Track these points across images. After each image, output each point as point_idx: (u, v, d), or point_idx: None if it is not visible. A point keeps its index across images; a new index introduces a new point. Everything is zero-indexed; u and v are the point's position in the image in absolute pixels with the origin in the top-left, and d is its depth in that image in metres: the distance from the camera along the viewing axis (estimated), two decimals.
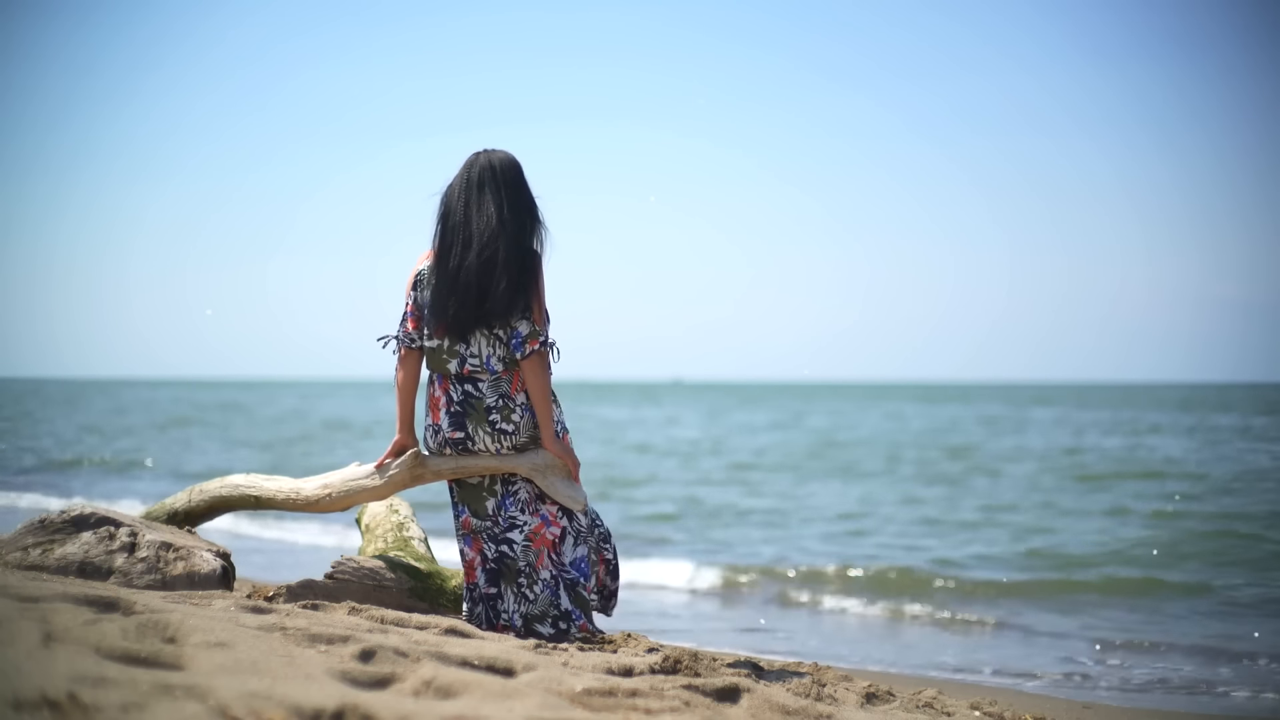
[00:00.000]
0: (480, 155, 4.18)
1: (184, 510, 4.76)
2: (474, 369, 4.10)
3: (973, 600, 9.11)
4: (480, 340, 4.09)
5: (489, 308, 4.03)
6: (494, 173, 4.12)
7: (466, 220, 4.08)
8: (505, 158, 4.17)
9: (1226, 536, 11.70)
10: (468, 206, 4.09)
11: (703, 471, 21.13)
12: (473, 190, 4.11)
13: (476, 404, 4.11)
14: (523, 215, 4.11)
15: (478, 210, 4.08)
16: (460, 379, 4.12)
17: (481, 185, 4.11)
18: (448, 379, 4.13)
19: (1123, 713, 5.49)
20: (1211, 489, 16.36)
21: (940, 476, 19.61)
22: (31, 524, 4.33)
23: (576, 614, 4.17)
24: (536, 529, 4.17)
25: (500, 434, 4.11)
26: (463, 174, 4.16)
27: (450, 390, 4.13)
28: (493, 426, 4.10)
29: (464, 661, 3.03)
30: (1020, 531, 12.77)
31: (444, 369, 4.14)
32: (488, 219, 4.06)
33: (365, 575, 4.35)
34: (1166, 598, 9.03)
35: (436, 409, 4.18)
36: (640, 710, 2.79)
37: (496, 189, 4.10)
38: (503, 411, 4.11)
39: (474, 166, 4.15)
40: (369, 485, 4.37)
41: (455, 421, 4.13)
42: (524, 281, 4.06)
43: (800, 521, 13.94)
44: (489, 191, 4.09)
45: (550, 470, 4.15)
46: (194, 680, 2.37)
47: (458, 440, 4.13)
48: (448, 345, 4.12)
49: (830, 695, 3.67)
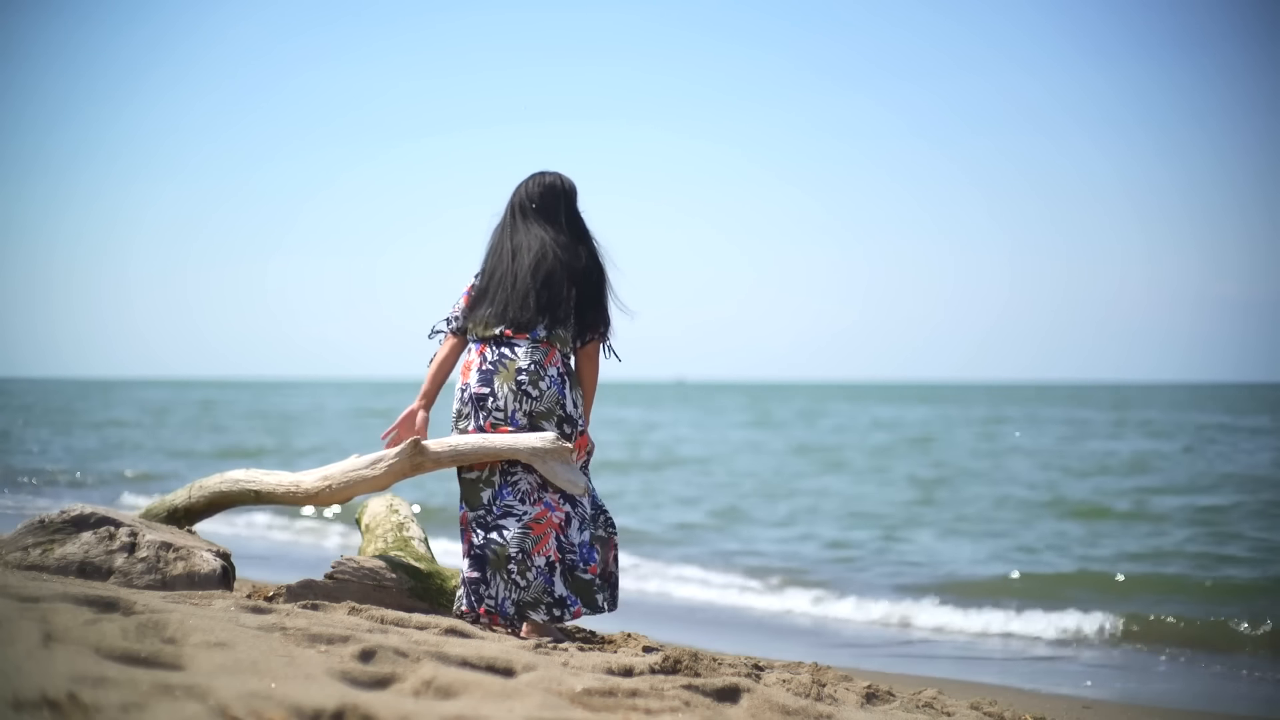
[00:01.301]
0: (536, 175, 4.44)
1: (184, 507, 4.77)
2: (518, 338, 4.27)
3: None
4: (524, 345, 4.28)
5: (527, 314, 4.25)
6: (556, 188, 4.41)
7: (524, 243, 4.32)
8: (559, 181, 4.42)
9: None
10: (525, 232, 4.35)
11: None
12: (528, 211, 4.38)
13: (509, 364, 4.24)
14: (575, 235, 4.37)
15: (528, 236, 4.34)
16: (498, 342, 4.27)
17: (526, 210, 4.39)
18: (485, 345, 4.29)
19: (1123, 712, 5.49)
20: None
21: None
22: (31, 524, 4.33)
23: (572, 600, 4.19)
24: (539, 515, 4.20)
25: (524, 395, 4.22)
26: (520, 192, 4.42)
27: (486, 353, 4.28)
28: (519, 386, 4.22)
29: (464, 661, 3.03)
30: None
31: (489, 334, 4.29)
32: (541, 245, 4.30)
33: (365, 575, 4.35)
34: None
35: (468, 371, 4.31)
36: (640, 710, 2.79)
37: (549, 212, 4.38)
38: (532, 376, 4.23)
39: (529, 186, 4.42)
40: (369, 476, 4.38)
41: (483, 379, 4.26)
42: (590, 301, 4.32)
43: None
44: (538, 215, 4.37)
45: (550, 455, 4.16)
46: (194, 680, 2.37)
47: (481, 396, 4.24)
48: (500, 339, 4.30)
49: (830, 695, 3.67)
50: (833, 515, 14.48)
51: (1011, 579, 9.82)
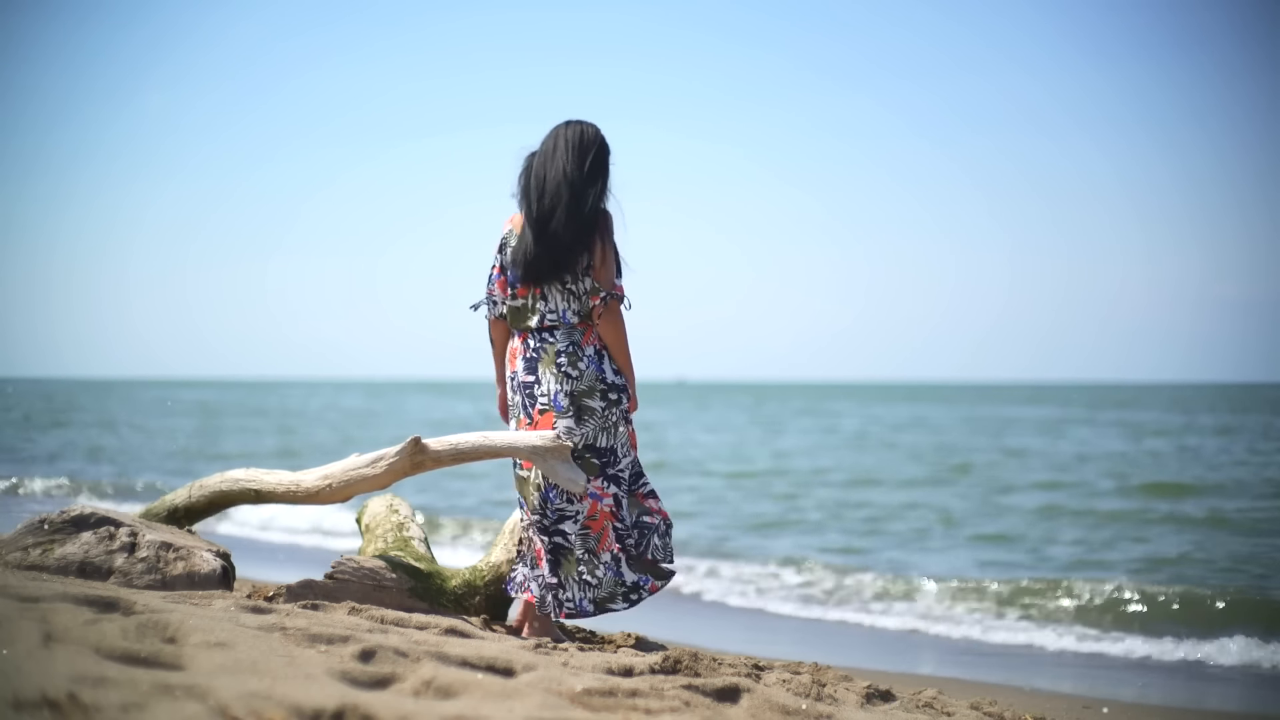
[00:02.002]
0: (562, 124, 4.47)
1: (184, 506, 4.77)
2: (552, 322, 4.38)
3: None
4: (556, 294, 4.37)
5: (555, 252, 4.32)
6: (569, 138, 4.42)
7: (541, 178, 4.38)
8: (583, 128, 4.46)
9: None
10: (543, 165, 4.40)
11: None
12: (547, 153, 4.41)
13: (549, 348, 4.38)
14: (586, 173, 4.38)
15: (550, 169, 4.38)
16: (538, 331, 4.41)
17: (555, 149, 4.41)
18: (527, 333, 4.43)
19: (1123, 712, 5.49)
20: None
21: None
22: (31, 524, 4.33)
23: (644, 579, 4.35)
24: (591, 510, 4.33)
25: (565, 377, 4.35)
26: (543, 142, 4.46)
27: (528, 341, 4.43)
28: (559, 369, 4.35)
29: (464, 661, 3.03)
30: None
31: (526, 325, 4.42)
32: (555, 174, 4.36)
33: (365, 575, 4.35)
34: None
35: (514, 359, 4.47)
36: (640, 710, 2.79)
37: (568, 150, 4.39)
38: (570, 357, 4.36)
39: (554, 134, 4.46)
40: (369, 475, 4.38)
41: (529, 367, 4.40)
42: (584, 232, 4.33)
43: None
44: (560, 153, 4.39)
45: (550, 454, 4.18)
46: (194, 680, 2.37)
47: (528, 384, 4.40)
48: (529, 303, 4.40)
49: (830, 695, 3.67)
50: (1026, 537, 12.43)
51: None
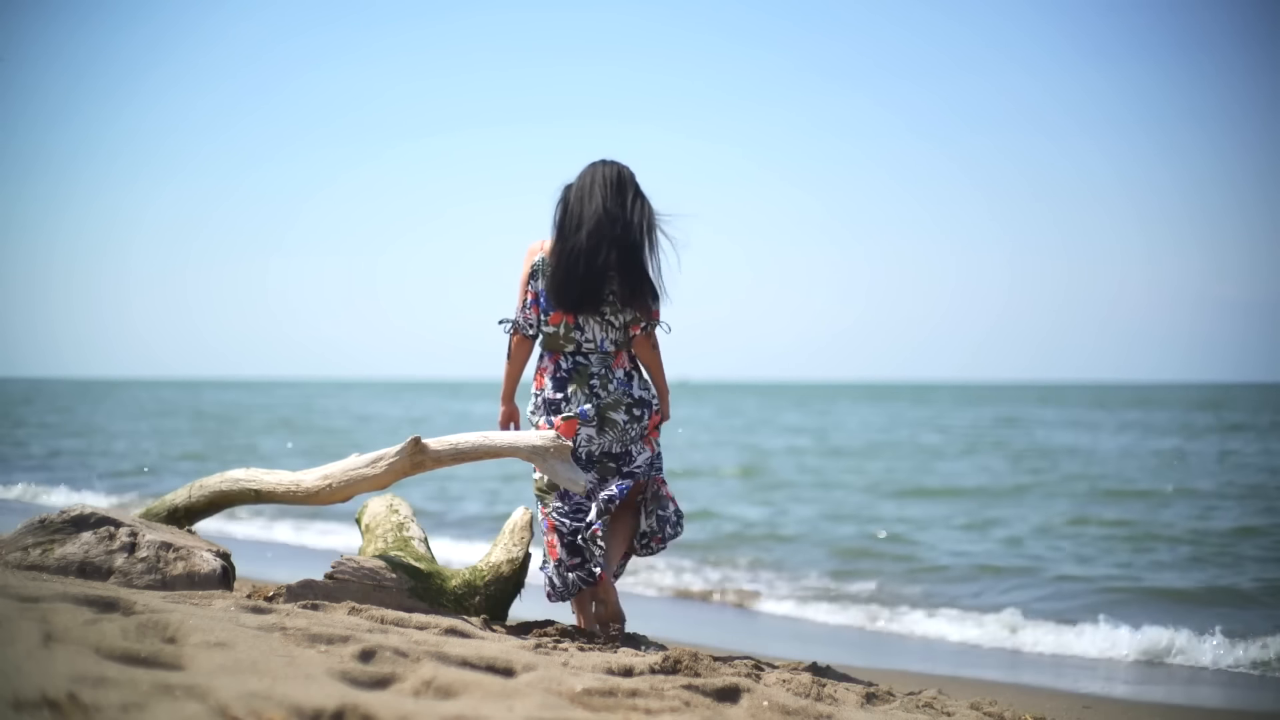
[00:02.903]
0: (598, 162, 4.68)
1: (184, 506, 4.77)
2: (588, 349, 4.59)
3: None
4: (593, 325, 4.57)
5: (596, 286, 4.53)
6: (606, 175, 4.63)
7: (578, 214, 4.57)
8: (620, 167, 4.67)
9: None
10: (579, 201, 4.59)
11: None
12: (585, 189, 4.61)
13: (582, 369, 4.58)
14: (629, 210, 4.58)
15: (588, 204, 4.57)
16: (573, 355, 4.61)
17: (592, 185, 4.61)
18: (559, 354, 4.62)
19: (1123, 712, 5.49)
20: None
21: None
22: (31, 524, 4.33)
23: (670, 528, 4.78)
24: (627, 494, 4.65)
25: (594, 394, 4.57)
26: (581, 176, 4.65)
27: (560, 361, 4.61)
28: (591, 389, 4.56)
29: (464, 661, 3.03)
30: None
31: (561, 349, 4.61)
32: (594, 209, 4.55)
33: (365, 575, 4.35)
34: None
35: (542, 377, 4.65)
36: (640, 710, 2.79)
37: (606, 186, 4.60)
38: (601, 379, 4.57)
39: (591, 171, 4.66)
40: (369, 475, 4.38)
41: (558, 385, 4.59)
42: (626, 266, 4.54)
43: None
44: (598, 188, 4.59)
45: (551, 454, 4.21)
46: (194, 680, 2.37)
47: (554, 401, 4.59)
48: (564, 331, 4.58)
49: (830, 695, 3.67)
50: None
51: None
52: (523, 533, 4.66)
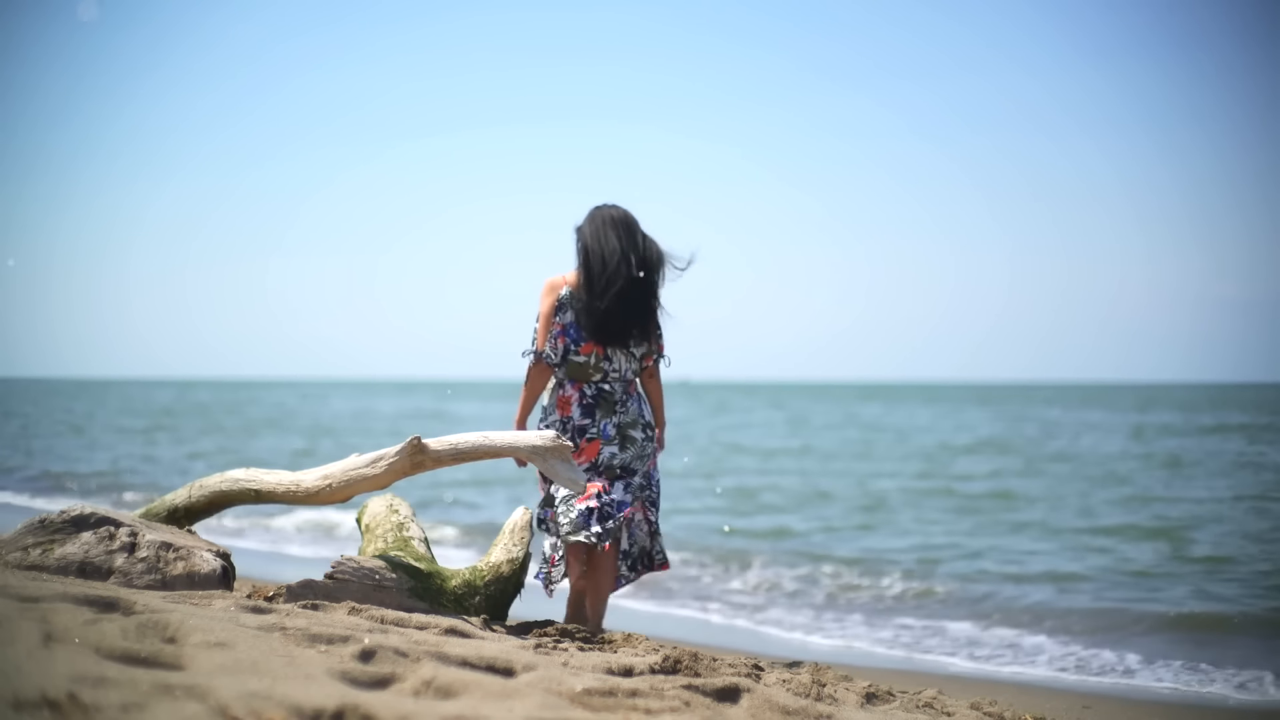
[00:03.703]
0: (599, 208, 5.02)
1: (184, 506, 4.77)
2: (614, 378, 4.98)
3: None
4: (620, 356, 4.97)
5: (630, 322, 4.92)
6: (615, 217, 4.98)
7: (601, 253, 4.91)
8: (625, 211, 5.02)
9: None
10: (599, 242, 4.93)
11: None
12: (600, 233, 4.94)
13: (608, 397, 4.95)
14: (640, 248, 4.95)
15: (606, 244, 4.92)
16: (599, 383, 4.98)
17: (605, 227, 4.95)
18: (584, 382, 4.97)
19: (1123, 712, 5.49)
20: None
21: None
22: (31, 524, 4.33)
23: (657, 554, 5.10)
24: (628, 514, 4.95)
25: (617, 415, 4.96)
26: (592, 221, 4.99)
27: (584, 389, 4.96)
28: (616, 411, 4.95)
29: (464, 661, 3.03)
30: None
31: (588, 378, 4.96)
32: (612, 251, 4.91)
33: (365, 575, 4.35)
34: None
35: (567, 405, 4.94)
36: (640, 710, 2.79)
37: (616, 228, 4.95)
38: (623, 403, 4.97)
39: (598, 216, 4.99)
40: (369, 475, 4.39)
41: (586, 412, 4.91)
42: (644, 309, 4.96)
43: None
44: (611, 231, 4.94)
45: (551, 453, 4.25)
46: (194, 680, 2.37)
47: (583, 426, 4.92)
48: (594, 361, 4.94)
49: (830, 695, 3.67)
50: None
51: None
52: (523, 533, 4.67)
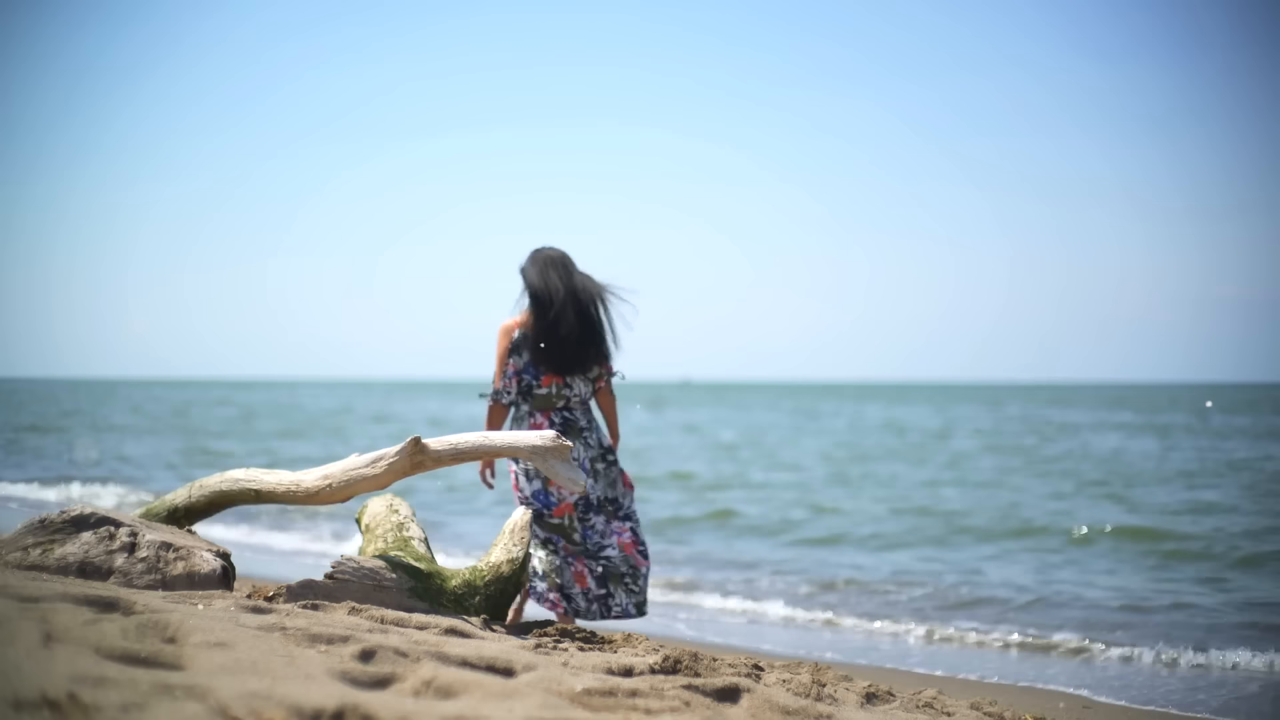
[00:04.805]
0: (538, 250, 5.53)
1: (184, 506, 4.77)
2: (576, 403, 5.49)
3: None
4: (579, 382, 5.48)
5: (585, 351, 5.45)
6: (552, 258, 5.48)
7: (547, 292, 5.41)
8: (561, 252, 5.52)
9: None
10: (544, 283, 5.42)
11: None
12: (542, 273, 5.45)
13: (573, 424, 5.46)
14: (577, 284, 5.46)
15: (550, 284, 5.41)
16: (561, 410, 5.48)
17: (547, 268, 5.45)
18: (549, 411, 5.46)
19: (1123, 712, 5.49)
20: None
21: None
22: (31, 524, 4.33)
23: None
24: (619, 543, 5.51)
25: (588, 445, 5.51)
26: (534, 263, 5.48)
27: (551, 418, 5.44)
28: (585, 440, 5.49)
29: (464, 661, 3.03)
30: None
31: (553, 406, 5.46)
32: (556, 287, 5.41)
33: (365, 575, 4.35)
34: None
35: None
36: (640, 710, 2.79)
37: (556, 268, 5.46)
38: (588, 428, 5.51)
39: (539, 259, 5.49)
40: (369, 475, 4.39)
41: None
42: (594, 336, 5.49)
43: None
44: (551, 271, 5.44)
45: (551, 454, 4.28)
46: (194, 680, 2.37)
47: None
48: (556, 390, 5.45)
49: (830, 695, 3.67)
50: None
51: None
52: (523, 533, 4.66)
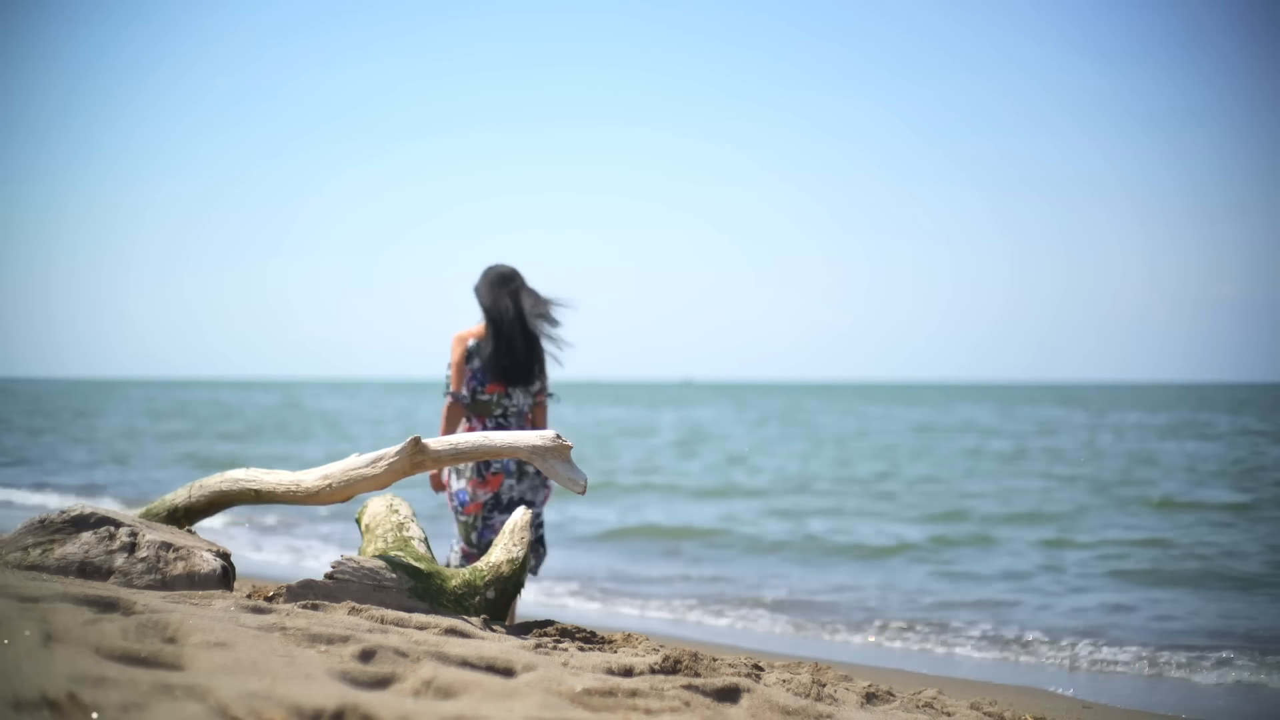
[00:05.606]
0: (490, 268, 5.83)
1: (184, 506, 4.76)
2: (513, 413, 5.75)
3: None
4: (519, 393, 5.77)
5: (528, 364, 5.75)
6: (501, 275, 5.81)
7: (497, 308, 5.73)
8: (510, 268, 5.85)
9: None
10: (493, 299, 5.75)
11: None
12: (493, 290, 5.77)
13: (504, 430, 5.56)
14: (523, 301, 5.76)
15: (500, 300, 5.73)
16: (499, 417, 5.73)
17: (498, 285, 5.78)
18: (485, 418, 5.73)
19: (1123, 713, 5.49)
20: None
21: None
22: (31, 524, 4.33)
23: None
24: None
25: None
26: (486, 281, 5.80)
27: (485, 423, 5.71)
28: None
29: (464, 661, 3.03)
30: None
31: (490, 414, 5.73)
32: (505, 307, 5.73)
33: (365, 575, 4.35)
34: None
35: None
36: (640, 710, 2.79)
37: (503, 285, 5.78)
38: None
39: (490, 278, 5.80)
40: (369, 475, 4.39)
41: None
42: (539, 353, 5.80)
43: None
44: (500, 290, 5.75)
45: (551, 453, 4.30)
46: (194, 680, 2.37)
47: (485, 462, 5.57)
48: (496, 399, 5.73)
49: (830, 695, 3.67)
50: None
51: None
52: (522, 533, 4.66)
